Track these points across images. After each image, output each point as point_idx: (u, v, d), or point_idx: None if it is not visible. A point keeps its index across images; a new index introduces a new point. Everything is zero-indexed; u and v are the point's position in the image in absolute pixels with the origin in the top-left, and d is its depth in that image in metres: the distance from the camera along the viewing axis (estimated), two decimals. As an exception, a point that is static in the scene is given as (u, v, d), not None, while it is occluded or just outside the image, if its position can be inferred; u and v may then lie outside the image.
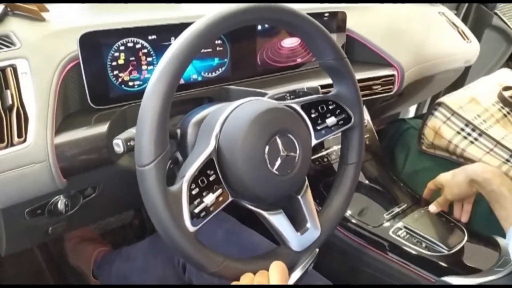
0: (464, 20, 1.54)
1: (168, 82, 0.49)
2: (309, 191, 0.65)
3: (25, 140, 0.57)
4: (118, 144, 0.55)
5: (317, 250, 0.61)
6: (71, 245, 1.16)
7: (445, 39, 1.28)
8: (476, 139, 0.94)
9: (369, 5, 1.18)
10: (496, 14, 1.62)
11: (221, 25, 0.53)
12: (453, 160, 0.99)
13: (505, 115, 0.98)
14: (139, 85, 0.73)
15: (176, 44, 0.51)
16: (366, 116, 1.09)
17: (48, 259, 1.15)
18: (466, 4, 1.58)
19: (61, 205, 0.66)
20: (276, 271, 0.53)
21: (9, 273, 1.07)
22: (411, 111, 1.84)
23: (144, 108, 0.49)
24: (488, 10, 1.62)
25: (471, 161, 0.94)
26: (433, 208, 0.90)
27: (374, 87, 1.02)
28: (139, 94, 0.50)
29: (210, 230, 0.77)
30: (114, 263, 1.00)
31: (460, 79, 1.51)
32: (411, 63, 1.10)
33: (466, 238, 0.84)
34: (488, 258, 0.79)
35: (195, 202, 0.52)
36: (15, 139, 0.56)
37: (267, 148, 0.56)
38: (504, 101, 0.99)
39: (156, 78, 0.49)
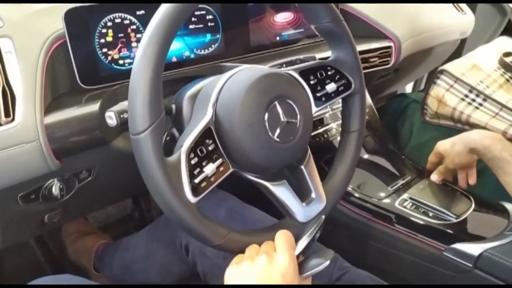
0: (457, -7, 1.51)
1: (159, 45, 0.46)
2: (312, 161, 0.63)
3: (13, 120, 0.55)
4: (111, 117, 0.53)
5: (323, 217, 0.59)
6: (71, 240, 1.13)
7: (439, 11, 1.26)
8: (481, 104, 0.92)
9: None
10: (488, -14, 1.60)
11: None
12: (457, 128, 0.97)
13: (507, 80, 0.96)
14: (129, 64, 0.71)
15: (164, 6, 0.48)
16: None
17: (46, 254, 1.12)
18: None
19: (55, 190, 0.64)
20: (282, 240, 0.51)
21: (7, 269, 1.05)
22: (408, 89, 1.82)
23: (136, 73, 0.47)
24: (480, -17, 1.60)
25: (477, 126, 0.92)
26: (434, 177, 0.88)
27: (372, 59, 1.00)
28: (130, 73, 0.48)
29: (212, 208, 0.75)
30: (116, 254, 0.98)
31: (456, 54, 1.48)
32: (407, 35, 1.08)
33: (473, 205, 0.82)
34: (497, 224, 0.77)
35: (195, 172, 0.50)
36: (3, 118, 0.54)
37: (266, 114, 0.54)
38: (505, 66, 0.97)
39: (146, 41, 0.47)
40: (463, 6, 1.35)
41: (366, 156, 0.97)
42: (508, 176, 0.74)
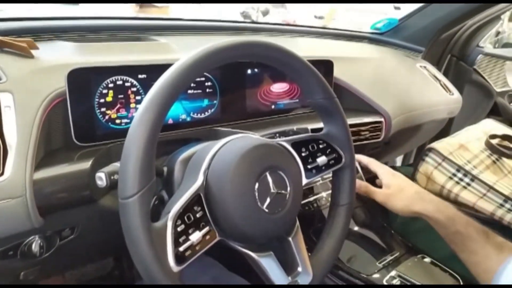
0: (445, 75, 1.59)
1: (156, 112, 0.48)
2: (300, 233, 0.62)
3: (2, 174, 0.54)
4: (101, 178, 0.52)
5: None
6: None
7: (428, 91, 1.32)
8: (468, 184, 0.93)
9: (355, 57, 1.22)
10: (475, 70, 1.69)
11: (210, 59, 0.53)
12: None
13: (494, 162, 0.99)
14: (126, 123, 0.72)
15: (166, 75, 0.50)
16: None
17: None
18: (447, 60, 1.65)
19: (35, 247, 0.62)
20: None
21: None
22: (398, 162, 1.85)
23: (131, 137, 0.47)
24: (467, 66, 1.68)
25: (465, 206, 0.92)
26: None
27: (362, 133, 1.02)
28: (126, 132, 0.49)
29: (196, 275, 0.73)
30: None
31: (445, 130, 1.53)
32: (397, 111, 1.12)
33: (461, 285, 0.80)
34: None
35: (180, 240, 0.49)
36: (-8, 172, 0.53)
37: (257, 184, 0.54)
38: (491, 148, 1.00)
39: (144, 107, 0.48)
40: (451, 87, 1.41)
41: (355, 228, 0.96)
42: (474, 256, 0.70)
